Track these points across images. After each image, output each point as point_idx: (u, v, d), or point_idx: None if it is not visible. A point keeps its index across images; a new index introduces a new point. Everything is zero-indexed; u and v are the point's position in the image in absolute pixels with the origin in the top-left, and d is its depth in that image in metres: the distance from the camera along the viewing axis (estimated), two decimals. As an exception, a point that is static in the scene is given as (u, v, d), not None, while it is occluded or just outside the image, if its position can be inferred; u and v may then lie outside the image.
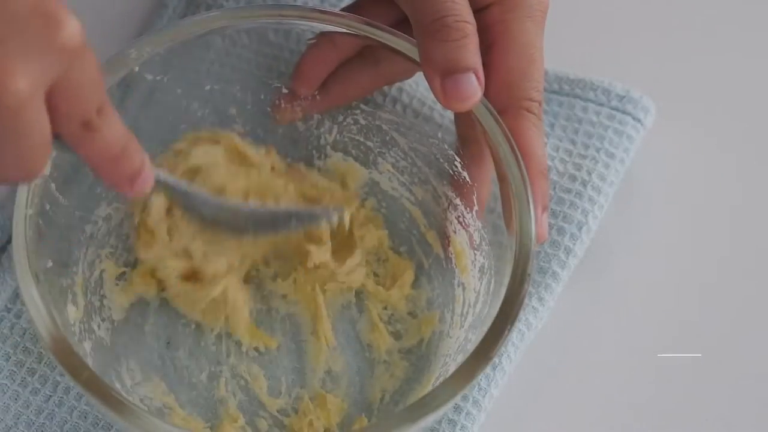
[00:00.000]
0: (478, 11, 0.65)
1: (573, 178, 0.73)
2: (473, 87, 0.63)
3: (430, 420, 0.58)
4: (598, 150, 0.74)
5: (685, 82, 0.79)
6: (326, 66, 0.70)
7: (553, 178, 0.73)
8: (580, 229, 0.72)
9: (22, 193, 0.62)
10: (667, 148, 0.77)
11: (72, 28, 0.50)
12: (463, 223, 0.68)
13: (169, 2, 0.79)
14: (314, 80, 0.70)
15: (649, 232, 0.75)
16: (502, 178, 0.63)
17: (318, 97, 0.71)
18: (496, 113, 0.64)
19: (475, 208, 0.67)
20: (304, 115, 0.71)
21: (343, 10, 0.71)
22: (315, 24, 0.68)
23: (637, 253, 0.74)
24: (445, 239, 0.69)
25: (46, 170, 0.62)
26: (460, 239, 0.68)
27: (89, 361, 0.63)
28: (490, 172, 0.65)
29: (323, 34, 0.68)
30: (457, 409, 0.67)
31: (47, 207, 0.63)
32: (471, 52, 0.63)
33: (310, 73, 0.70)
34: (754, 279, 0.74)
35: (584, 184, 0.73)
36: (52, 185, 0.63)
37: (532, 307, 0.70)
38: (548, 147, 0.74)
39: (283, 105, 0.71)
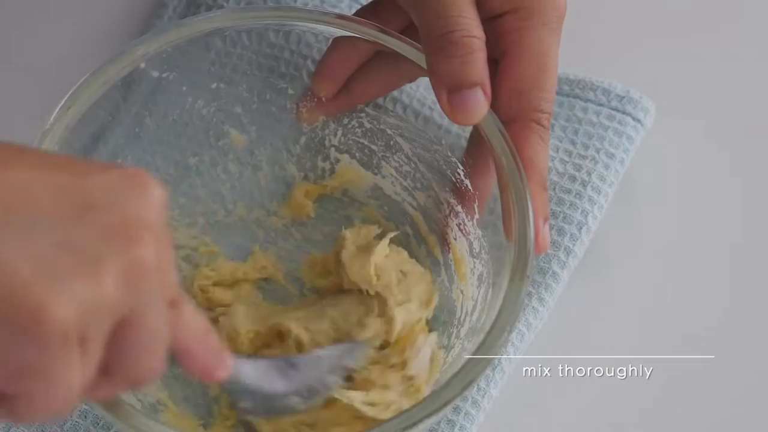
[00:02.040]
0: (492, 18, 0.65)
1: (573, 179, 0.73)
2: (480, 102, 0.63)
3: (429, 423, 0.58)
4: (597, 150, 0.74)
5: (685, 83, 0.79)
6: (347, 67, 0.70)
7: (552, 179, 0.73)
8: (579, 229, 0.72)
9: None
10: (667, 148, 0.77)
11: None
12: (464, 231, 0.68)
13: (169, 2, 0.79)
14: (336, 82, 0.70)
15: (649, 232, 0.75)
16: (503, 188, 0.63)
17: (341, 97, 0.71)
18: (500, 124, 0.64)
19: (476, 216, 0.67)
20: (326, 116, 0.71)
21: (357, 11, 0.71)
22: (317, 26, 0.67)
23: (637, 253, 0.74)
24: (445, 245, 0.69)
25: None
26: (460, 246, 0.68)
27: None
28: (492, 181, 0.65)
29: (342, 37, 0.68)
30: (456, 409, 0.67)
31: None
32: (478, 68, 0.63)
33: (333, 75, 0.70)
34: (755, 278, 0.74)
35: (584, 184, 0.73)
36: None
37: (532, 307, 0.70)
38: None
39: (304, 106, 0.71)
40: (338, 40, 0.69)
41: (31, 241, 0.46)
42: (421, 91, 0.73)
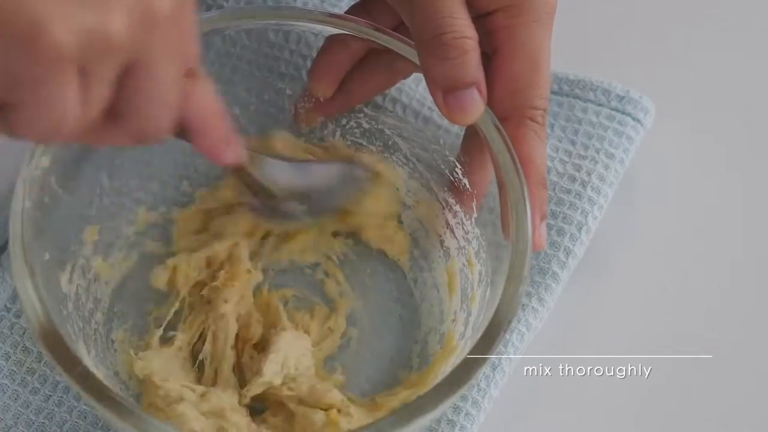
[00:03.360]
0: (482, 16, 0.65)
1: (572, 179, 0.73)
2: (476, 102, 0.63)
3: (426, 420, 0.58)
4: (597, 150, 0.74)
5: (685, 83, 0.79)
6: (342, 67, 0.70)
7: (552, 179, 0.73)
8: (579, 229, 0.72)
9: (20, 185, 0.61)
10: (666, 148, 0.77)
11: None
12: (463, 230, 0.68)
13: (168, 2, 0.79)
14: (332, 82, 0.70)
15: (649, 232, 0.75)
16: (501, 186, 0.63)
17: (338, 97, 0.71)
18: (497, 121, 0.64)
19: (474, 215, 0.67)
20: (324, 117, 0.72)
21: (348, 9, 0.71)
22: (317, 26, 0.67)
23: (637, 253, 0.74)
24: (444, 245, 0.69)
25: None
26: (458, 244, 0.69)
27: (83, 355, 0.63)
28: (489, 176, 0.64)
29: (334, 37, 0.68)
30: (457, 409, 0.67)
31: (46, 200, 0.62)
32: (472, 68, 0.62)
33: (327, 76, 0.70)
34: (755, 278, 0.74)
35: (584, 184, 0.73)
36: (52, 179, 0.63)
37: (532, 307, 0.70)
38: (548, 147, 0.74)
39: (303, 107, 0.71)
40: (330, 40, 0.69)
41: None
42: (420, 91, 0.73)
